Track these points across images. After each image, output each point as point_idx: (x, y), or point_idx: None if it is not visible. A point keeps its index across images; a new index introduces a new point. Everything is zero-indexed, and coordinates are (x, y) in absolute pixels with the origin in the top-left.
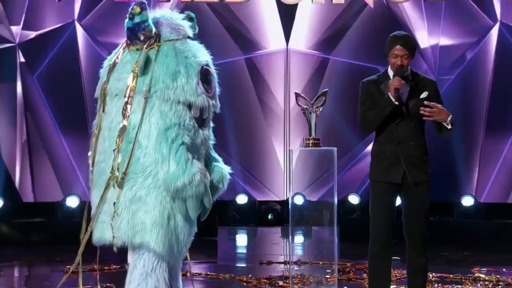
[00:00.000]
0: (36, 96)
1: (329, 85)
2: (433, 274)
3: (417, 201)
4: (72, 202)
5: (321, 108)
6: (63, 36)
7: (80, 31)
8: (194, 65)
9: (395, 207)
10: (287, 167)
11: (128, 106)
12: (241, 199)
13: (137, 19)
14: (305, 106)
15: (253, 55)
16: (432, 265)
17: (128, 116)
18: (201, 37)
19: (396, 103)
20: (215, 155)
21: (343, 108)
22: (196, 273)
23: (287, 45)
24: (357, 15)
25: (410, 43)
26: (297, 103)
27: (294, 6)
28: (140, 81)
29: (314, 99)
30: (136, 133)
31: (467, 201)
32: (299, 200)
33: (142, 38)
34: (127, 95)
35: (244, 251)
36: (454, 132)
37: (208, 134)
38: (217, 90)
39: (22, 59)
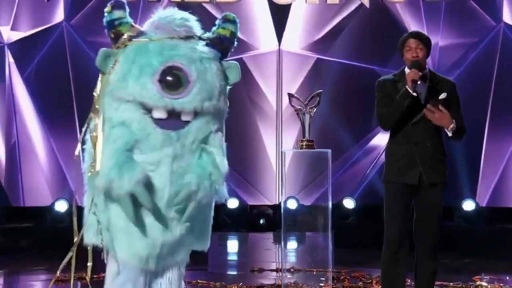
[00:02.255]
0: (25, 97)
1: (323, 86)
2: None
3: (432, 203)
4: (61, 206)
5: (315, 109)
6: (52, 36)
7: (69, 31)
8: (154, 64)
9: (411, 209)
10: (280, 169)
11: (97, 107)
12: (232, 203)
13: (107, 18)
14: (299, 107)
15: (244, 56)
16: None
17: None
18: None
19: (414, 94)
20: (209, 151)
21: (338, 109)
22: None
23: (279, 45)
24: (352, 16)
25: (423, 36)
26: (290, 104)
27: (287, 6)
28: (104, 80)
29: (307, 99)
30: (92, 134)
31: (468, 205)
32: (292, 204)
33: (112, 36)
34: (95, 95)
35: (235, 258)
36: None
37: (182, 135)
38: (213, 93)
39: (11, 60)
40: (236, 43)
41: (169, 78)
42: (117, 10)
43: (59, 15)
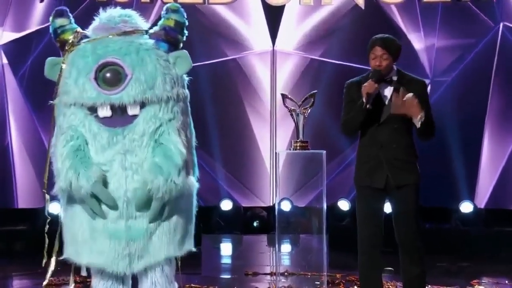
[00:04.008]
0: (18, 98)
1: (317, 86)
2: (429, 286)
3: (404, 205)
4: (55, 208)
5: (309, 110)
6: (46, 37)
7: None
8: (90, 63)
9: (383, 213)
10: (274, 171)
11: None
12: (226, 204)
13: (50, 29)
14: (293, 108)
15: (238, 56)
16: (428, 276)
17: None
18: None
19: (368, 106)
20: (158, 144)
21: (332, 110)
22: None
23: (274, 46)
24: (347, 17)
25: (390, 44)
26: (284, 104)
27: (281, 8)
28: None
29: (301, 100)
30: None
31: (466, 207)
32: (286, 206)
33: (58, 45)
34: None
35: (229, 261)
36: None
37: (131, 131)
38: (139, 81)
39: (5, 61)
40: (185, 31)
41: (105, 74)
42: (58, 18)
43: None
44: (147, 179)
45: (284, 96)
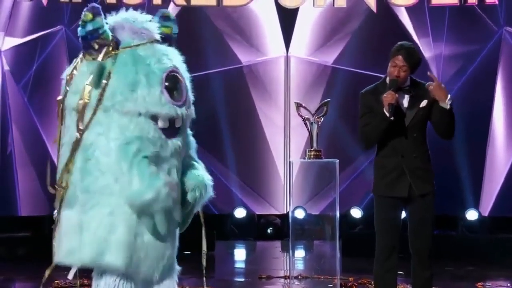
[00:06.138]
0: (21, 106)
1: (331, 94)
2: None
3: (423, 213)
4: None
5: (322, 119)
6: (51, 43)
7: (69, 37)
8: (157, 72)
9: (401, 221)
10: (287, 179)
11: (85, 120)
12: (240, 212)
13: (89, 27)
14: (306, 117)
15: (252, 63)
16: (436, 280)
17: (82, 131)
18: (198, 43)
19: (392, 118)
20: (194, 162)
21: (346, 118)
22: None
23: (287, 52)
24: (360, 20)
25: (412, 56)
26: (298, 113)
27: (295, 11)
28: (95, 93)
29: (315, 109)
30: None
31: (472, 215)
32: (299, 214)
33: (96, 47)
34: (80, 109)
35: (243, 265)
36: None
37: (181, 143)
38: (191, 96)
39: (7, 67)
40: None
41: (170, 85)
42: (98, 17)
43: (59, 21)
44: (191, 185)
45: (298, 105)
